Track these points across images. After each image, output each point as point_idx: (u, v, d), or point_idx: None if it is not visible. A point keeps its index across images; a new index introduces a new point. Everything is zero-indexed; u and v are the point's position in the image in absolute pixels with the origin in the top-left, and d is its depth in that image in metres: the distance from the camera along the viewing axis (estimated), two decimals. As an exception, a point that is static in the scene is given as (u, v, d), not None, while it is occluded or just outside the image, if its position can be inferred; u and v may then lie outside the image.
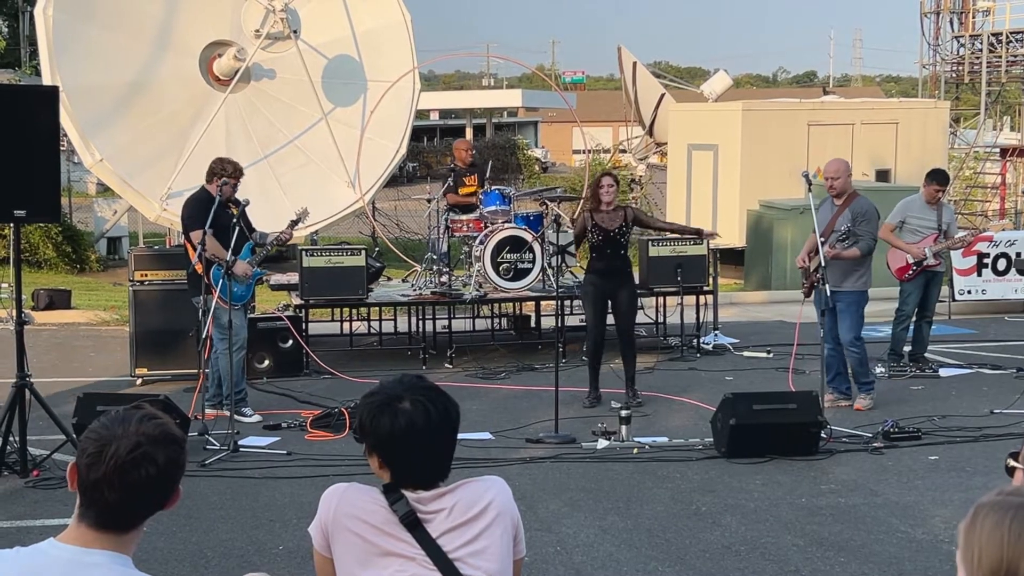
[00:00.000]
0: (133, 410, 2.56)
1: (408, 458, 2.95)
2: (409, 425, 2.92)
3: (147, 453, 2.47)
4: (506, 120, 69.01)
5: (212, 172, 9.96)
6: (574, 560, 6.65)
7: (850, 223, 9.99)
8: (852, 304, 10.15)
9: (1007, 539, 2.11)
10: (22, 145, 8.09)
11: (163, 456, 2.50)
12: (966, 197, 30.82)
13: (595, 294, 10.51)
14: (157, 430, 2.51)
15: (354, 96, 18.05)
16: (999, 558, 2.11)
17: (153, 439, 2.49)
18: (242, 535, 7.09)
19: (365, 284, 12.37)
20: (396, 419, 2.93)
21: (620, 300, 10.53)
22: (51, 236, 20.64)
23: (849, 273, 10.08)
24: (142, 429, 2.49)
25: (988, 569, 2.12)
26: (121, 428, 2.48)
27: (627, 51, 29.65)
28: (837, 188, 10.16)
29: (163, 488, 2.53)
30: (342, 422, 9.51)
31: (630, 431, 9.09)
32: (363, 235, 22.00)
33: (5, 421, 8.18)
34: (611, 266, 10.50)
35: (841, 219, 10.08)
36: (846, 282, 10.06)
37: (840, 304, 10.04)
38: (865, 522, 7.28)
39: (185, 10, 17.24)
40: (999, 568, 2.11)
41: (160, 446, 2.50)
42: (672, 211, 23.79)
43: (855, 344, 10.19)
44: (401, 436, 2.92)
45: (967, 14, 37.39)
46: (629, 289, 10.65)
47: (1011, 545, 2.10)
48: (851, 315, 10.15)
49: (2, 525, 7.25)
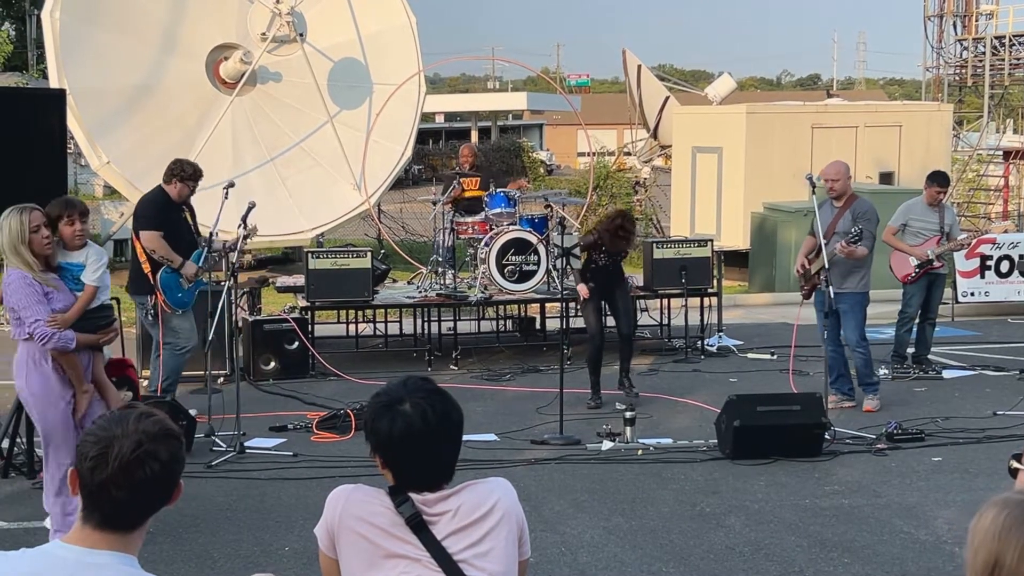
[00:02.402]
0: (128, 410, 2.57)
1: (406, 460, 2.96)
2: (407, 428, 2.93)
3: (150, 450, 2.48)
4: (511, 123, 69.02)
5: (171, 173, 9.80)
6: (579, 560, 6.68)
7: (852, 224, 10.01)
8: (856, 305, 10.18)
9: (997, 533, 2.15)
10: (29, 148, 8.14)
11: (165, 452, 2.51)
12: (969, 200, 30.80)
13: (591, 298, 10.62)
14: (156, 427, 2.52)
15: (360, 99, 18.11)
16: (989, 552, 2.15)
17: (153, 436, 2.50)
18: (248, 536, 7.12)
19: (371, 286, 12.40)
20: (395, 421, 2.94)
21: (616, 299, 10.62)
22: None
23: (850, 274, 10.10)
24: (141, 427, 2.50)
25: (982, 563, 2.16)
26: (120, 428, 2.49)
27: (631, 54, 29.68)
28: (837, 190, 10.20)
29: (167, 484, 2.54)
30: (348, 424, 9.54)
31: (634, 433, 9.12)
32: (369, 237, 22.04)
33: (12, 423, 8.21)
34: (605, 270, 10.67)
35: (842, 221, 10.11)
36: (847, 283, 10.08)
37: (843, 306, 10.06)
38: (868, 523, 7.30)
39: (191, 13, 17.30)
40: (989, 561, 2.15)
41: (161, 442, 2.51)
42: (676, 213, 23.81)
43: (861, 344, 10.21)
44: (399, 438, 2.94)
45: (970, 17, 37.37)
46: (623, 288, 10.80)
47: (1000, 539, 2.14)
48: (855, 316, 10.18)
49: (8, 526, 7.29)
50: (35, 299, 6.34)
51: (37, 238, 6.33)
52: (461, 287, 12.89)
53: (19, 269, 6.35)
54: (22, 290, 6.34)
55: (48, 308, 6.38)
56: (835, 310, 9.93)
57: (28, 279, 6.33)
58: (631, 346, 10.80)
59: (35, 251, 6.34)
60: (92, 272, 6.68)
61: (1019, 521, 2.14)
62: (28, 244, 6.30)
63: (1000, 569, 2.13)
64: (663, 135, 27.97)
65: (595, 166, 24.05)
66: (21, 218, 6.32)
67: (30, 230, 6.30)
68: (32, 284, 6.34)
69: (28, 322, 6.35)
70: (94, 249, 6.83)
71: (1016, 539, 2.12)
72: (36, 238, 6.32)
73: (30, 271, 6.34)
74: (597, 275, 10.65)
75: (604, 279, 10.65)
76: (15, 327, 6.50)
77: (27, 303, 6.33)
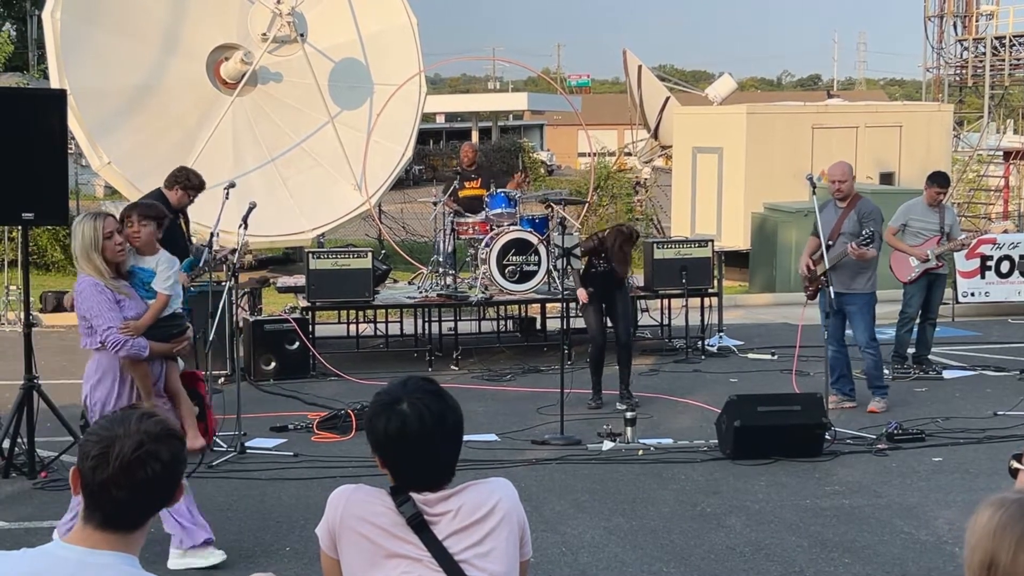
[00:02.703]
0: (129, 410, 2.58)
1: (403, 459, 2.97)
2: (401, 427, 2.93)
3: (151, 451, 2.48)
4: (512, 123, 69.03)
5: (175, 179, 9.79)
6: (580, 561, 6.69)
7: (858, 225, 10.02)
8: (864, 306, 10.19)
9: (993, 532, 2.16)
10: (30, 148, 8.13)
11: (167, 452, 2.51)
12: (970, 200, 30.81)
13: (591, 300, 10.63)
14: (158, 427, 2.52)
15: (360, 99, 18.12)
16: (985, 551, 2.16)
17: (155, 436, 2.50)
18: (249, 536, 7.13)
19: (371, 286, 12.42)
20: (390, 420, 2.95)
21: (615, 302, 10.63)
22: (59, 239, 20.73)
23: (858, 275, 10.10)
24: (143, 427, 2.50)
25: (978, 561, 2.17)
26: (122, 428, 2.49)
27: (632, 54, 29.68)
28: (844, 191, 10.19)
29: (168, 484, 2.54)
30: (348, 424, 9.55)
31: (635, 433, 9.13)
32: (369, 237, 22.04)
33: (13, 423, 8.22)
34: (604, 272, 10.66)
35: (847, 221, 10.11)
36: (855, 284, 10.09)
37: (852, 307, 10.08)
38: (869, 523, 7.31)
39: (192, 14, 17.30)
40: (984, 560, 2.16)
41: (163, 443, 2.51)
42: (677, 214, 23.82)
43: (871, 345, 10.21)
44: (394, 438, 2.94)
45: (970, 18, 37.36)
46: (623, 291, 10.78)
47: (995, 538, 2.15)
48: (864, 317, 10.19)
49: (10, 526, 7.29)
50: (107, 306, 6.20)
51: (110, 245, 6.20)
52: (462, 287, 12.90)
53: (90, 276, 6.22)
54: (93, 297, 6.21)
55: (120, 315, 6.25)
56: (837, 310, 9.94)
57: (100, 286, 6.20)
58: (629, 353, 10.76)
59: (107, 258, 6.21)
60: (163, 280, 6.57)
61: (1014, 519, 2.15)
62: (101, 251, 6.18)
63: (996, 568, 2.14)
64: (664, 135, 27.98)
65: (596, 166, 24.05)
66: (95, 224, 6.20)
67: (103, 236, 6.18)
68: (104, 291, 6.21)
69: (100, 330, 6.21)
70: (164, 256, 6.71)
71: (1011, 537, 2.13)
72: (109, 245, 6.19)
73: (101, 278, 6.22)
74: (596, 280, 10.67)
75: (603, 282, 10.66)
76: (86, 336, 6.36)
77: (99, 310, 6.20)
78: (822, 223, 10.07)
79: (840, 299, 9.98)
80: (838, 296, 9.92)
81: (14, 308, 15.11)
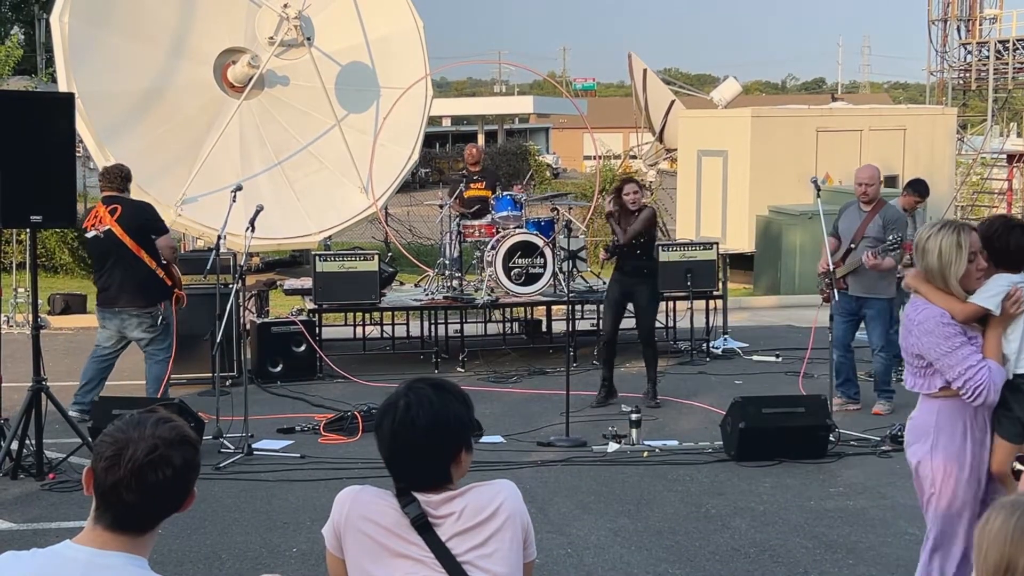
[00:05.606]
0: (147, 414, 2.59)
1: (396, 458, 3.00)
2: (397, 426, 2.97)
3: (164, 456, 2.51)
4: (518, 126, 69.03)
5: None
6: (585, 562, 6.71)
7: (882, 230, 10.00)
8: (883, 311, 10.20)
9: (1010, 537, 2.18)
10: (39, 151, 8.18)
11: (179, 458, 2.53)
12: (973, 203, 30.78)
13: (614, 292, 10.72)
14: (172, 433, 2.55)
15: (367, 102, 18.15)
16: (1001, 555, 2.18)
17: (169, 442, 2.52)
18: (256, 537, 7.16)
19: (378, 289, 12.45)
20: (385, 418, 3.01)
21: (638, 299, 10.63)
22: (67, 241, 20.78)
23: (880, 279, 10.12)
24: (158, 432, 2.52)
25: (992, 565, 2.19)
26: (137, 431, 2.52)
27: (637, 58, 29.71)
28: (871, 194, 10.17)
29: (179, 490, 2.56)
30: (355, 425, 9.59)
31: (640, 434, 9.17)
32: (376, 240, 22.07)
33: (21, 424, 8.26)
34: (631, 266, 10.61)
35: (872, 226, 10.08)
36: (877, 288, 10.11)
37: (871, 312, 10.11)
38: (874, 524, 7.33)
39: (200, 17, 17.33)
40: (1000, 564, 2.18)
41: (176, 448, 2.53)
42: (682, 216, 23.83)
43: (885, 349, 10.22)
44: (390, 436, 2.99)
45: (974, 22, 37.34)
46: (648, 289, 10.72)
47: (1013, 542, 2.17)
48: (883, 321, 10.20)
49: (19, 527, 7.33)
50: (958, 341, 4.77)
51: (971, 268, 4.79)
52: (468, 290, 12.93)
53: (935, 306, 4.83)
54: (938, 330, 4.78)
55: (975, 351, 4.79)
56: (849, 315, 9.97)
57: (947, 318, 4.79)
58: (650, 351, 10.73)
59: (964, 285, 4.82)
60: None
61: None
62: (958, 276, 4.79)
63: (1013, 572, 2.16)
64: (669, 138, 28.00)
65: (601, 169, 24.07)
66: (959, 239, 4.80)
67: (967, 258, 4.78)
68: (951, 323, 4.78)
69: (955, 371, 4.76)
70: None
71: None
72: (971, 268, 4.79)
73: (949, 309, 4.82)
74: (621, 259, 10.61)
75: (630, 269, 10.58)
76: (914, 376, 5.03)
77: (948, 348, 4.76)
78: (844, 225, 10.06)
79: (860, 302, 10.00)
80: (858, 299, 9.94)
81: (22, 310, 15.17)
